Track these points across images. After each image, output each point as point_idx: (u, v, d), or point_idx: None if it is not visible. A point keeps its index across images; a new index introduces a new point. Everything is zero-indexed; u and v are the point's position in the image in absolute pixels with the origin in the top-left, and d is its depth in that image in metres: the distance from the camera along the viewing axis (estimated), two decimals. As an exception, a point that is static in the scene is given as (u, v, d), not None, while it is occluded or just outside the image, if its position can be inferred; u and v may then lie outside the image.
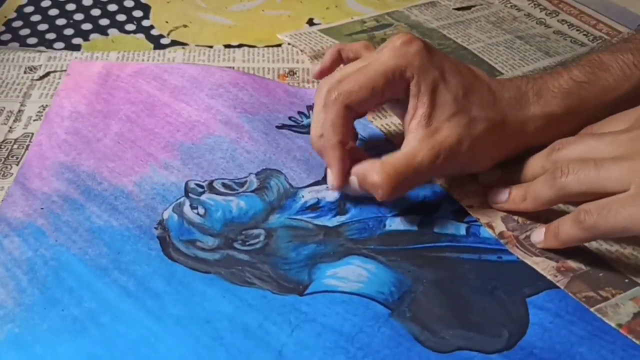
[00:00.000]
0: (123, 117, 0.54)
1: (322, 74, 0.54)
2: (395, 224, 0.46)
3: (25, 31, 0.62)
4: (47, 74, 0.58)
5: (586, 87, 0.47)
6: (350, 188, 0.46)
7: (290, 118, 0.55)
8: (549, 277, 0.43)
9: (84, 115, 0.54)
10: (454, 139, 0.44)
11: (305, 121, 0.55)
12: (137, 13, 0.64)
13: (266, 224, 0.46)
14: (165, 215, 0.46)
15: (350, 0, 0.67)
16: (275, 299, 0.41)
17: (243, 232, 0.46)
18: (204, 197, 0.48)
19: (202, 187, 0.49)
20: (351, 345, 0.39)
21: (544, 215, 0.46)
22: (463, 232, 0.46)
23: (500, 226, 0.46)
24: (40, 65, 0.59)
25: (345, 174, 0.46)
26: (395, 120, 0.54)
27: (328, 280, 0.43)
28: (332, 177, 0.46)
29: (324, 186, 0.50)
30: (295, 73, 0.59)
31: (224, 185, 0.49)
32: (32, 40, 0.61)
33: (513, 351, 0.39)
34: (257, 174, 0.50)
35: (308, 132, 0.54)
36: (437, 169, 0.45)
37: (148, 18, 0.64)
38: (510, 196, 0.46)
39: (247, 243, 0.45)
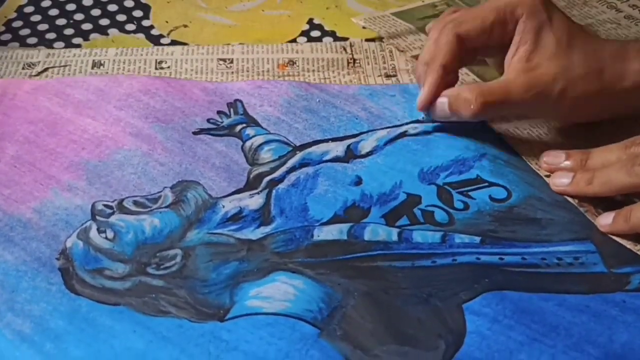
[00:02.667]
0: (20, 138, 0.49)
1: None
2: (324, 233, 0.43)
3: (25, 31, 0.61)
4: (46, 69, 0.55)
5: None
6: (437, 109, 0.48)
7: (209, 120, 0.51)
8: (627, 245, 0.43)
9: (-25, 140, 0.48)
10: (549, 77, 0.46)
11: (226, 121, 0.51)
12: (137, 13, 0.63)
13: (183, 243, 0.42)
14: (69, 244, 0.42)
15: (351, 0, 0.66)
16: (193, 327, 0.37)
17: (157, 255, 0.41)
18: (112, 219, 0.43)
19: (110, 207, 0.44)
20: (277, 373, 0.35)
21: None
22: (395, 237, 0.43)
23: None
24: (39, 62, 0.56)
25: (435, 96, 0.48)
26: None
27: (251, 301, 0.39)
28: (421, 96, 0.48)
29: (246, 194, 0.46)
30: (295, 63, 0.57)
31: (135, 203, 0.44)
32: (32, 40, 0.60)
33: None
34: (172, 188, 0.46)
35: (229, 134, 0.50)
36: (528, 103, 0.47)
37: (148, 18, 0.63)
38: (575, 179, 0.46)
39: (162, 266, 0.41)
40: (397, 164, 0.48)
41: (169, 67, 0.56)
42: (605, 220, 0.44)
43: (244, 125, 0.51)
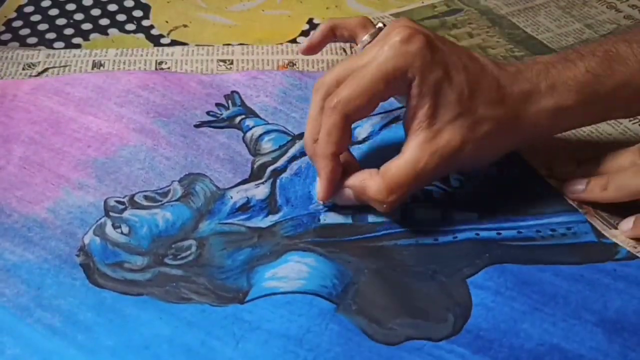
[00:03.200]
0: (26, 139, 0.50)
1: (310, 49, 0.52)
2: (330, 217, 0.45)
3: (25, 31, 0.61)
4: (46, 69, 0.56)
5: (602, 80, 0.44)
6: (343, 199, 0.44)
7: (208, 113, 0.52)
8: (628, 247, 0.43)
9: (-19, 144, 0.49)
10: (456, 143, 0.42)
11: (225, 113, 0.52)
12: (137, 13, 0.64)
13: (196, 234, 0.44)
14: (87, 240, 0.43)
15: (351, 0, 0.66)
16: (215, 311, 0.39)
17: (173, 246, 0.43)
18: (126, 214, 0.45)
19: (122, 203, 0.46)
20: (300, 348, 0.38)
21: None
22: (397, 216, 0.45)
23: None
24: (39, 62, 0.56)
25: (334, 186, 0.44)
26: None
27: (268, 282, 0.41)
28: (320, 189, 0.44)
29: (252, 184, 0.47)
30: (295, 64, 0.57)
31: (146, 197, 0.46)
32: (32, 40, 0.60)
33: (460, 336, 0.39)
34: (180, 181, 0.47)
35: (229, 126, 0.51)
36: (439, 173, 0.44)
37: (148, 18, 0.63)
38: (589, 186, 0.45)
39: (179, 257, 0.42)
40: (393, 148, 0.50)
41: (169, 67, 0.57)
42: (625, 226, 0.44)
43: (243, 116, 0.52)
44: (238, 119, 0.52)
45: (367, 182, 0.43)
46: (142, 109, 0.52)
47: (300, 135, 0.51)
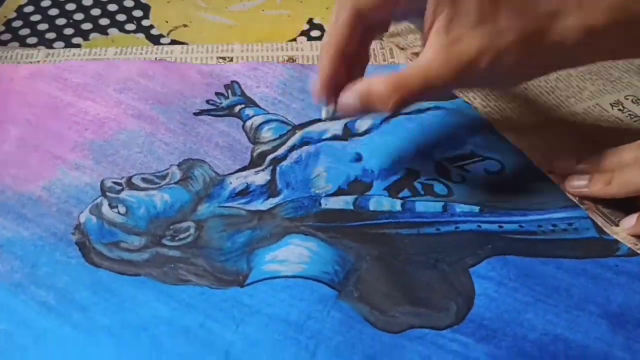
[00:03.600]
0: (22, 121, 0.49)
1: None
2: (331, 203, 0.44)
3: (25, 31, 0.61)
4: None
5: None
6: (345, 106, 0.41)
7: (208, 102, 0.52)
8: (629, 245, 0.43)
9: (-23, 123, 0.48)
10: (474, 51, 0.38)
11: (225, 102, 0.52)
12: (137, 13, 0.63)
13: (195, 216, 0.43)
14: (82, 219, 0.42)
15: None
16: (215, 294, 0.38)
17: (171, 227, 0.42)
18: (123, 195, 0.44)
19: (119, 184, 0.45)
20: (301, 334, 0.37)
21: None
22: (399, 208, 0.44)
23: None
24: (39, 61, 0.56)
25: (331, 82, 0.41)
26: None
27: (268, 265, 0.40)
28: (316, 85, 0.41)
29: (251, 171, 0.47)
30: (295, 60, 0.57)
31: (143, 180, 0.45)
32: (32, 40, 0.60)
33: (463, 325, 0.38)
34: (179, 165, 0.47)
35: (229, 115, 0.51)
36: (452, 85, 0.41)
37: (148, 18, 0.63)
38: (592, 181, 0.45)
39: (177, 238, 0.42)
40: (394, 141, 0.50)
41: None
42: (628, 223, 0.44)
43: (243, 105, 0.52)
44: (238, 107, 0.51)
45: (373, 82, 0.40)
46: (141, 95, 0.51)
47: (301, 126, 0.50)
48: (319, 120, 0.51)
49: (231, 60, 0.57)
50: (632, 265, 0.42)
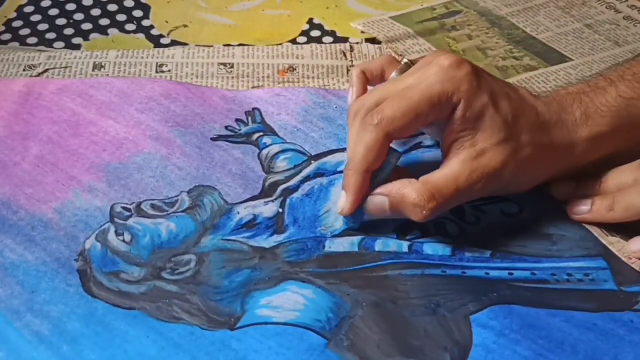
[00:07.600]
0: (44, 138, 0.50)
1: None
2: (335, 245, 0.43)
3: (25, 31, 0.62)
4: (46, 70, 0.56)
5: (635, 103, 0.45)
6: (374, 207, 0.43)
7: (227, 127, 0.52)
8: (623, 258, 0.43)
9: (1, 138, 0.50)
10: (498, 164, 0.43)
11: (244, 129, 0.52)
12: (137, 13, 0.64)
13: (197, 248, 0.43)
14: (87, 245, 0.43)
15: (350, 1, 0.66)
16: (204, 335, 0.38)
17: (172, 259, 0.42)
18: (130, 222, 0.44)
19: (129, 210, 0.45)
20: (285, 383, 0.36)
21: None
22: (405, 249, 0.43)
23: None
24: (40, 64, 0.57)
25: (359, 202, 0.43)
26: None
27: (261, 310, 0.40)
28: (345, 202, 0.43)
29: (261, 201, 0.47)
30: (295, 69, 0.57)
31: (152, 206, 0.46)
32: (32, 40, 0.61)
33: None
34: (188, 192, 0.47)
35: (246, 142, 0.51)
36: (477, 191, 0.43)
37: (148, 18, 0.64)
38: (594, 206, 0.45)
39: (177, 271, 0.42)
40: (411, 176, 0.48)
41: (169, 70, 0.57)
42: (636, 246, 0.44)
43: (261, 133, 0.51)
44: (256, 135, 0.51)
45: (406, 189, 0.42)
46: (162, 117, 0.52)
47: (317, 156, 0.50)
48: (336, 150, 0.50)
49: (232, 66, 0.57)
50: (649, 321, 0.40)
